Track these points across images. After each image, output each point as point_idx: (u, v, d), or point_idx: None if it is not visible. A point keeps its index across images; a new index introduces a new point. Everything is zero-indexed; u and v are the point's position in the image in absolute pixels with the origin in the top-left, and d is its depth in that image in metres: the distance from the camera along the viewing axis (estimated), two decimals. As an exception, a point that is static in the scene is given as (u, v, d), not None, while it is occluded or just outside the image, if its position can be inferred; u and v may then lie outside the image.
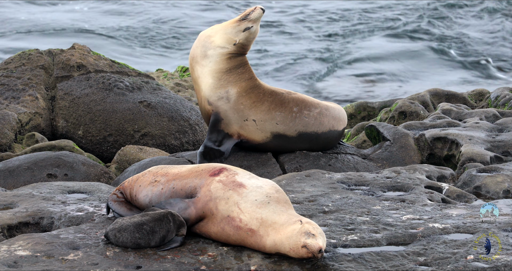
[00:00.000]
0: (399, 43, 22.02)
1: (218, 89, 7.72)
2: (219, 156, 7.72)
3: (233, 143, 7.74)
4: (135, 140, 9.19)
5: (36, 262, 5.04)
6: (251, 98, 7.73)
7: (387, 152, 8.13)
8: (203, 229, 5.37)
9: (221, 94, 7.73)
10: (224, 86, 7.72)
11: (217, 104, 7.70)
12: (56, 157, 7.90)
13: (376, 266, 5.06)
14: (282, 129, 7.75)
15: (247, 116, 7.67)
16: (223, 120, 7.70)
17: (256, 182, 5.34)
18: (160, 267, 5.01)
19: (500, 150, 7.92)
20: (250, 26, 7.71)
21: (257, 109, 7.70)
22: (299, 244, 4.99)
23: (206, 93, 7.73)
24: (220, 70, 7.73)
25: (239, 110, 7.66)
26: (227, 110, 7.66)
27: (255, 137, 7.74)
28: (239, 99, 7.71)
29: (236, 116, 7.68)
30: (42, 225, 5.85)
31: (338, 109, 8.09)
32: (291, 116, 7.76)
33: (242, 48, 7.79)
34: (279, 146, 7.87)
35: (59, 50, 9.88)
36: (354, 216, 5.87)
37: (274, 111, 7.75)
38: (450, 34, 22.54)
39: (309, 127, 7.84)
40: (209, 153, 7.72)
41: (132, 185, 5.76)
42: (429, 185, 6.69)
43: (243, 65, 7.80)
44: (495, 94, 10.01)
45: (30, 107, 9.24)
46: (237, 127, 7.71)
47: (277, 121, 7.72)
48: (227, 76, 7.74)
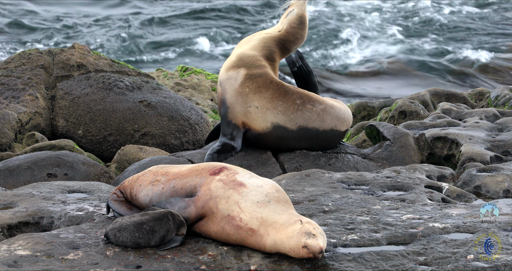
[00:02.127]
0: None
1: (232, 69, 7.80)
2: (230, 150, 7.75)
3: (241, 134, 7.76)
4: (135, 140, 9.19)
5: (36, 262, 5.04)
6: (257, 82, 7.74)
7: (387, 152, 8.13)
8: (203, 228, 5.37)
9: (231, 75, 7.79)
10: (238, 67, 7.80)
11: (225, 85, 7.74)
12: (56, 157, 7.90)
13: (376, 265, 5.06)
14: (282, 121, 7.73)
15: (250, 103, 7.68)
16: (230, 109, 7.73)
17: (256, 181, 5.34)
18: (160, 267, 5.01)
19: (500, 149, 7.92)
20: (291, 10, 7.93)
21: (261, 96, 7.70)
22: (300, 244, 4.99)
23: (222, 71, 7.90)
24: (247, 54, 7.84)
25: (243, 94, 7.67)
26: (232, 95, 7.68)
27: (256, 125, 7.73)
28: (245, 82, 7.73)
29: (240, 101, 7.69)
30: (42, 225, 5.85)
31: (344, 110, 8.03)
32: (293, 107, 7.73)
33: (287, 36, 7.95)
34: (278, 140, 7.83)
35: (59, 50, 9.88)
36: (354, 215, 5.87)
37: (277, 100, 7.73)
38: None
39: (310, 123, 7.80)
40: (224, 149, 7.74)
41: (132, 185, 5.77)
42: (429, 185, 6.69)
43: (268, 58, 7.88)
44: (495, 94, 10.01)
45: (30, 107, 9.25)
46: (241, 115, 7.72)
47: (278, 111, 7.71)
48: (247, 59, 7.78)
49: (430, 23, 23.49)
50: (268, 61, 7.89)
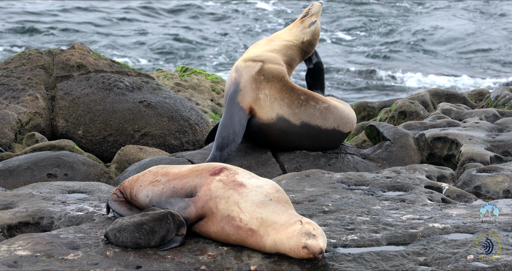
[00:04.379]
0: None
1: (251, 60, 7.97)
2: (232, 140, 7.78)
3: (245, 119, 7.84)
4: (135, 140, 9.19)
5: (36, 262, 5.04)
6: (272, 73, 7.90)
7: (387, 152, 8.13)
8: (203, 229, 5.37)
9: (250, 64, 7.94)
10: (258, 60, 7.97)
11: (242, 71, 7.91)
12: (56, 157, 7.89)
13: (376, 266, 5.06)
14: (287, 114, 7.79)
15: (262, 90, 7.83)
16: (241, 92, 7.84)
17: (256, 182, 5.34)
18: (160, 267, 5.01)
19: (500, 149, 7.92)
20: (314, 21, 8.05)
21: (273, 85, 7.85)
22: (300, 245, 4.99)
23: (239, 61, 8.06)
24: (268, 54, 7.95)
25: (258, 81, 7.83)
26: (247, 79, 7.86)
27: (262, 114, 7.80)
28: (262, 71, 7.88)
29: (254, 87, 7.83)
30: (42, 225, 5.85)
31: (347, 111, 8.07)
32: (297, 102, 7.82)
33: (308, 47, 8.10)
34: (280, 134, 7.84)
35: (59, 50, 9.88)
36: (354, 215, 5.87)
37: (285, 92, 7.85)
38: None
39: (313, 120, 7.83)
40: (224, 143, 7.77)
41: (132, 185, 5.77)
42: (429, 185, 6.69)
43: (287, 63, 8.03)
44: (495, 94, 10.01)
45: (30, 107, 9.25)
46: (251, 100, 7.82)
47: (285, 103, 7.80)
48: (268, 56, 7.92)
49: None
50: (287, 65, 8.05)
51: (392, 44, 22.73)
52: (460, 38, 23.03)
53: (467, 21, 24.55)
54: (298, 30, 8.20)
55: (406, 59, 21.63)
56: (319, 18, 8.26)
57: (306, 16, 8.21)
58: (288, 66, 8.09)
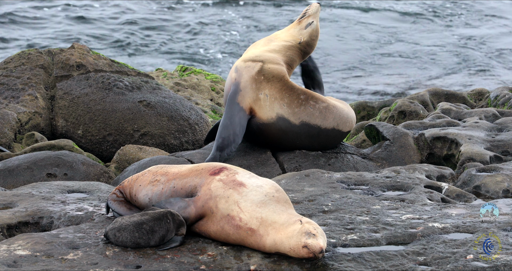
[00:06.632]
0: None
1: (251, 61, 7.99)
2: (232, 141, 7.78)
3: (245, 119, 7.85)
4: (135, 139, 9.19)
5: (36, 262, 5.04)
6: (272, 73, 7.92)
7: (387, 152, 8.13)
8: (203, 228, 5.37)
9: (250, 64, 7.96)
10: (258, 61, 7.99)
11: (242, 71, 7.92)
12: (56, 157, 7.89)
13: (375, 265, 5.06)
14: (287, 113, 7.80)
15: (262, 90, 7.84)
16: (241, 92, 7.85)
17: (256, 181, 5.34)
18: (160, 267, 5.01)
19: (499, 149, 7.92)
20: (311, 22, 8.04)
21: (273, 85, 7.86)
22: (300, 244, 4.99)
23: (239, 61, 8.07)
24: (268, 54, 7.97)
25: (258, 81, 7.84)
26: (247, 80, 7.88)
27: (262, 113, 7.81)
28: (262, 71, 7.90)
29: (254, 87, 7.85)
30: (41, 225, 5.85)
31: (347, 111, 8.09)
32: (297, 101, 7.83)
33: (307, 47, 8.11)
34: (280, 134, 7.85)
35: (59, 50, 9.88)
36: (353, 215, 5.87)
37: (284, 92, 7.86)
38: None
39: (313, 119, 7.84)
40: (225, 143, 7.77)
41: (132, 184, 5.76)
42: (429, 185, 6.69)
43: (287, 64, 8.04)
44: (494, 94, 10.01)
45: (30, 107, 9.25)
46: (251, 100, 7.84)
47: (284, 103, 7.81)
48: (267, 57, 7.94)
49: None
50: (286, 65, 8.06)
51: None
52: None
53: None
54: (296, 31, 8.21)
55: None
56: (317, 19, 8.23)
57: (304, 17, 8.21)
58: (288, 67, 8.09)
